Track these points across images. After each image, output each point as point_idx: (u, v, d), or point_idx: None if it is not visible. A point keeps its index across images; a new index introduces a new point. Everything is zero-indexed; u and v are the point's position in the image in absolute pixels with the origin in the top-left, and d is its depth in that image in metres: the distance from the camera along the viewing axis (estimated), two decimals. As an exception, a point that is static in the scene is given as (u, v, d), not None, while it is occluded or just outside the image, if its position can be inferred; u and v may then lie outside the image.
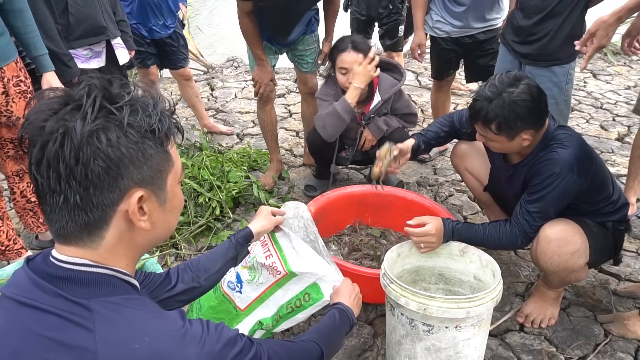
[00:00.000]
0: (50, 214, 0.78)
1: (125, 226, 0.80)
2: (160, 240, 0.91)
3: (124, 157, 0.76)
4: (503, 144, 1.81)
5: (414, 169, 3.31)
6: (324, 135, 2.61)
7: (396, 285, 1.55)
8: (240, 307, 1.74)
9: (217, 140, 3.78)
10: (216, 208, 2.69)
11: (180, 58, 3.51)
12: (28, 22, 2.13)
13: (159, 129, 0.80)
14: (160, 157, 0.81)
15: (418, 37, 3.06)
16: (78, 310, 0.75)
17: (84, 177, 0.74)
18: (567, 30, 2.40)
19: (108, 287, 0.79)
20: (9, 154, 2.33)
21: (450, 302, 1.47)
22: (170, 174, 0.84)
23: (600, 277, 2.29)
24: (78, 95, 0.76)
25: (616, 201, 1.91)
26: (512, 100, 1.68)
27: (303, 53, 2.92)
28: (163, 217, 0.85)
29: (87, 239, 0.79)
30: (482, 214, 2.78)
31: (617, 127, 3.87)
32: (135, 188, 0.78)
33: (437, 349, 1.54)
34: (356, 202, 2.54)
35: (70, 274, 0.78)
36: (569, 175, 1.72)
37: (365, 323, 2.05)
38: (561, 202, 1.78)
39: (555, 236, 1.76)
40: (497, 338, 1.96)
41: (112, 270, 0.81)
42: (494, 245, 1.90)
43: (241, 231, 1.56)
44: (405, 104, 2.80)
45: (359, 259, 2.31)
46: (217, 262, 1.47)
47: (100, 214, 0.77)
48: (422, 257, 1.89)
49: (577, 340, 1.94)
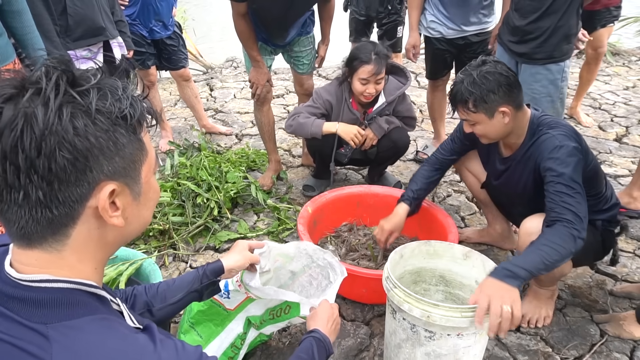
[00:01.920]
0: (7, 212, 0.68)
1: (95, 223, 0.72)
2: (133, 237, 0.82)
3: (93, 147, 0.67)
4: (486, 125, 1.86)
5: (412, 169, 3.32)
6: (287, 130, 2.79)
7: (400, 290, 1.52)
8: (230, 308, 1.75)
9: (216, 140, 3.79)
10: (214, 208, 2.70)
11: (180, 58, 3.53)
12: (27, 23, 2.13)
13: (131, 114, 0.70)
14: (133, 146, 0.73)
15: (412, 37, 3.10)
16: (34, 338, 0.67)
17: (47, 171, 0.65)
18: (563, 29, 2.44)
19: (69, 307, 0.71)
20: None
21: (455, 311, 1.44)
22: (144, 164, 0.76)
23: (596, 277, 2.29)
24: (35, 78, 0.66)
25: (608, 199, 1.93)
26: (480, 75, 1.81)
27: (299, 54, 2.92)
28: (137, 212, 0.77)
29: (51, 239, 0.71)
30: (480, 214, 2.79)
31: (615, 127, 3.88)
32: (105, 181, 0.70)
33: (437, 354, 1.53)
34: (354, 203, 2.55)
35: (28, 293, 0.70)
36: (569, 143, 1.76)
37: (363, 323, 2.06)
38: (578, 172, 1.73)
39: (536, 229, 1.75)
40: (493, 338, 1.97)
41: (76, 284, 0.73)
42: (559, 251, 1.59)
43: (212, 264, 1.43)
44: (408, 107, 2.82)
45: (357, 259, 2.32)
46: (177, 292, 1.36)
47: (66, 210, 0.69)
48: (425, 258, 1.87)
49: (573, 340, 1.95)
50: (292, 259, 1.75)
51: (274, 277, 1.72)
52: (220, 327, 1.77)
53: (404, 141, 2.80)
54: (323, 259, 1.72)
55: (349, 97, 2.72)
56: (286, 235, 2.63)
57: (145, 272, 1.93)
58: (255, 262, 1.53)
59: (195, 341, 1.75)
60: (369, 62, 2.54)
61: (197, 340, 1.76)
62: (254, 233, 2.63)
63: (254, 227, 2.72)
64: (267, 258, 1.64)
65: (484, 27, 2.95)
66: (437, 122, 3.43)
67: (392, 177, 3.06)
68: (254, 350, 1.91)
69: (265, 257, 1.63)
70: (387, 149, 2.78)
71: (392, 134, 2.73)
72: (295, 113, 2.72)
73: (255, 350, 1.91)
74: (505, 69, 1.84)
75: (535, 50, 2.52)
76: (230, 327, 1.77)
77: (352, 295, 2.15)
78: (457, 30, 2.95)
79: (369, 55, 2.55)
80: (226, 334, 1.77)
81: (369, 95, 2.61)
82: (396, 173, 3.24)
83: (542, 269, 1.59)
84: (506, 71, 1.83)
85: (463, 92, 1.83)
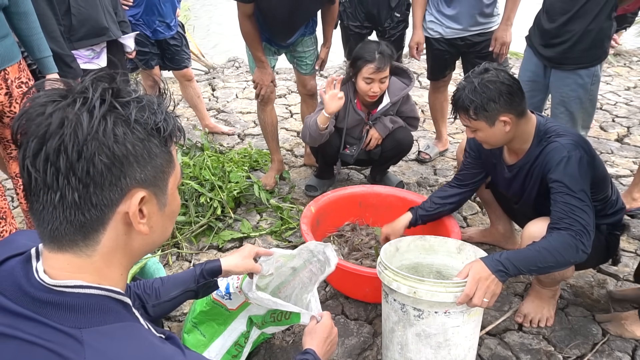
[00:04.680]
0: (41, 212, 0.71)
1: (123, 230, 0.75)
2: (155, 247, 0.85)
3: (129, 154, 0.71)
4: (487, 132, 1.85)
5: (414, 169, 3.33)
6: (303, 140, 2.71)
7: (390, 271, 1.60)
8: (232, 308, 1.77)
9: (219, 140, 3.80)
10: (217, 208, 2.71)
11: (184, 58, 3.54)
12: (33, 24, 2.14)
13: (164, 128, 0.76)
14: (164, 157, 0.77)
15: (417, 35, 3.06)
16: (68, 342, 0.68)
17: (85, 174, 0.68)
18: (594, 33, 2.35)
19: (101, 314, 0.73)
20: (12, 155, 2.35)
21: (439, 286, 1.52)
22: (171, 176, 0.80)
23: (598, 277, 2.30)
24: (82, 88, 0.71)
25: (614, 203, 1.92)
26: (482, 84, 1.79)
27: (302, 55, 2.94)
28: (161, 222, 0.81)
29: (82, 244, 0.73)
30: (482, 214, 2.80)
31: (616, 128, 3.88)
32: (137, 188, 0.74)
33: (427, 334, 1.58)
34: (357, 202, 2.56)
35: (62, 298, 0.71)
36: (577, 152, 1.74)
37: (366, 322, 2.07)
38: (586, 182, 1.74)
39: (539, 234, 1.76)
40: (496, 337, 1.98)
41: (106, 290, 0.75)
42: (557, 258, 1.63)
43: (210, 264, 1.44)
44: (411, 108, 2.84)
45: (360, 259, 2.33)
46: (172, 290, 1.38)
47: (98, 214, 0.72)
48: (421, 253, 1.92)
49: (575, 339, 1.96)
50: (294, 257, 1.76)
51: (275, 275, 1.73)
52: (223, 326, 1.78)
53: (408, 141, 2.81)
54: (323, 253, 1.74)
55: (354, 97, 2.73)
56: (289, 235, 2.65)
57: (149, 271, 1.95)
58: (256, 271, 1.51)
59: (199, 340, 1.76)
60: (373, 61, 2.55)
61: (200, 340, 1.77)
62: (257, 232, 2.65)
63: (256, 227, 2.73)
64: (270, 264, 1.63)
65: (486, 27, 2.93)
66: (439, 122, 3.44)
67: (394, 177, 3.07)
68: (258, 349, 1.92)
69: (269, 263, 1.62)
70: (391, 149, 2.79)
71: (396, 133, 2.75)
72: (305, 120, 2.73)
73: (259, 348, 1.92)
74: (507, 77, 1.82)
75: (564, 56, 2.44)
76: (233, 326, 1.79)
77: (355, 295, 2.16)
78: (457, 30, 2.94)
79: (373, 54, 2.56)
80: (229, 332, 1.78)
81: (374, 95, 2.62)
82: (398, 173, 3.25)
83: (534, 271, 1.67)
84: (508, 79, 1.81)
85: (464, 99, 1.82)
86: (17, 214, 2.86)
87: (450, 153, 3.52)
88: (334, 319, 2.05)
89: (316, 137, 2.64)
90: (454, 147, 3.56)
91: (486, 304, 1.55)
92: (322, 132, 2.60)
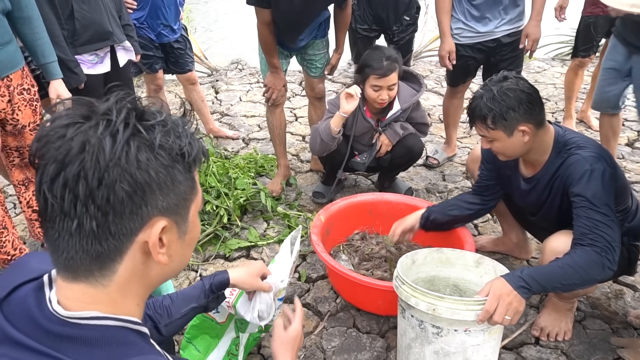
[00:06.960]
0: (57, 240, 0.67)
1: (141, 259, 0.71)
2: (173, 276, 0.81)
3: (152, 181, 0.67)
4: (504, 142, 1.79)
5: (422, 175, 3.27)
6: (311, 149, 2.65)
7: (407, 287, 1.56)
8: (222, 321, 1.77)
9: (223, 144, 3.75)
10: (224, 216, 2.66)
11: (187, 61, 3.50)
12: (37, 29, 2.10)
13: (189, 152, 0.71)
14: (187, 184, 0.73)
15: (447, 44, 2.94)
16: None
17: (104, 202, 0.64)
18: None
19: (119, 347, 0.69)
20: (14, 162, 2.30)
21: (460, 304, 1.47)
22: (193, 203, 0.76)
23: (615, 287, 2.25)
24: (105, 109, 0.67)
25: (634, 214, 1.87)
26: (501, 92, 1.74)
27: (312, 57, 2.89)
28: (181, 250, 0.76)
29: (97, 273, 0.69)
30: (494, 222, 2.74)
31: (626, 132, 3.83)
32: (158, 217, 0.69)
33: (446, 353, 1.53)
34: (367, 211, 2.51)
35: (77, 331, 0.67)
36: (600, 165, 1.69)
37: (378, 335, 2.02)
38: (610, 196, 1.68)
39: (563, 248, 1.70)
40: (512, 352, 1.93)
41: (122, 321, 0.71)
42: (581, 275, 1.57)
43: (218, 276, 1.43)
44: (421, 114, 2.80)
45: (370, 269, 2.27)
46: (182, 307, 1.37)
47: (116, 243, 0.68)
48: (438, 266, 1.87)
49: (594, 354, 1.90)
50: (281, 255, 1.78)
51: None
52: (217, 339, 1.78)
53: (419, 147, 2.76)
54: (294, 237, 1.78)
55: (363, 105, 2.67)
56: (297, 244, 2.59)
57: (157, 285, 1.91)
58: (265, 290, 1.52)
59: (194, 356, 1.76)
60: (381, 69, 2.50)
61: (196, 355, 1.76)
62: (264, 241, 2.59)
63: (264, 235, 2.68)
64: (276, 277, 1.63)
65: (516, 26, 2.87)
66: (450, 128, 3.39)
67: (402, 183, 3.02)
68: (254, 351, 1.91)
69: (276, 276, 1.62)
70: (401, 155, 2.74)
71: (406, 140, 2.70)
72: (313, 128, 2.68)
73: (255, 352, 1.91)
74: (527, 86, 1.76)
75: None
76: (226, 337, 1.79)
77: (367, 307, 2.11)
78: (485, 33, 2.87)
79: (381, 61, 2.51)
80: (223, 342, 1.79)
81: (383, 102, 2.57)
82: (406, 179, 3.20)
83: (557, 288, 1.62)
84: (528, 88, 1.76)
85: (482, 107, 1.76)
86: (19, 221, 2.81)
87: (458, 158, 3.46)
88: (345, 332, 2.02)
89: (328, 142, 2.58)
90: (461, 152, 3.51)
91: (508, 322, 1.50)
92: (335, 135, 2.55)
